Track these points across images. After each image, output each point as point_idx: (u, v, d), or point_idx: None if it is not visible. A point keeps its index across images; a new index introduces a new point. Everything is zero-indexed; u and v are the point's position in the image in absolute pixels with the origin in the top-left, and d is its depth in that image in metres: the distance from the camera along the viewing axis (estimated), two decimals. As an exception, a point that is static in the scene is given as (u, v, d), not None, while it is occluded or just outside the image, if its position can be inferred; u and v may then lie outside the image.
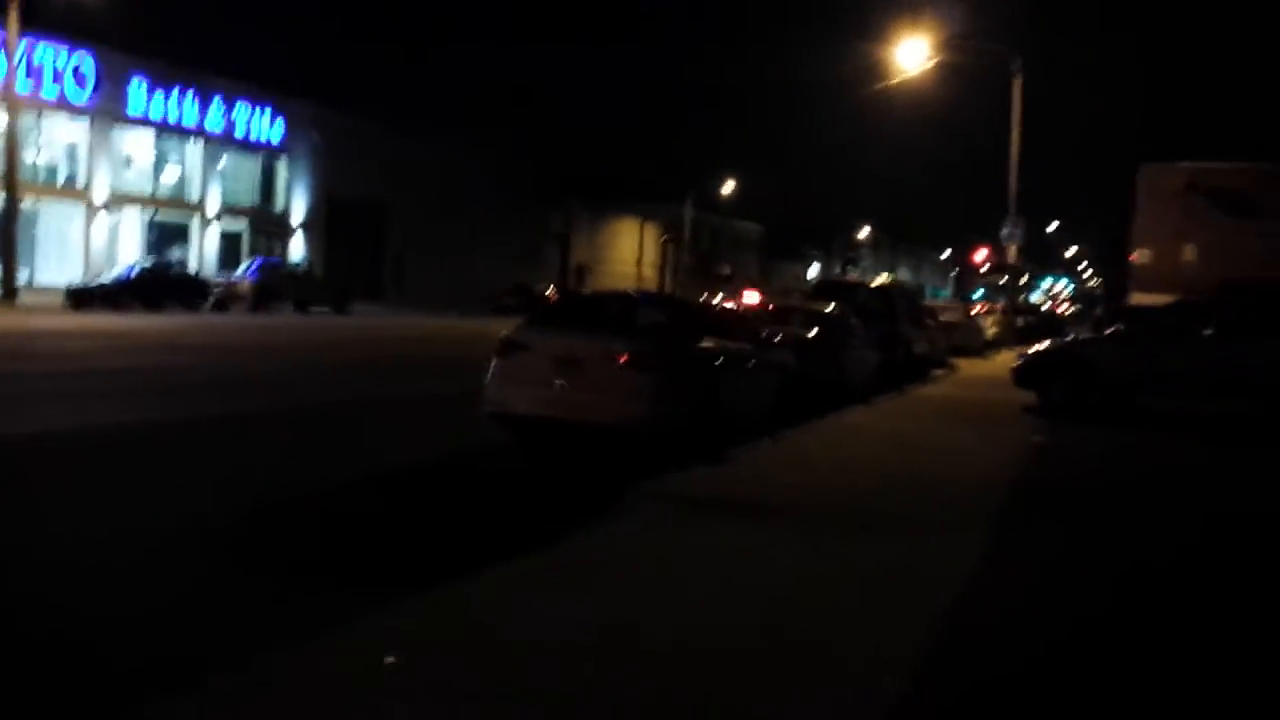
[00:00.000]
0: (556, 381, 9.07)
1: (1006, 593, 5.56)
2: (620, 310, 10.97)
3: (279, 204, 47.73)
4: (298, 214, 47.98)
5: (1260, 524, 7.74)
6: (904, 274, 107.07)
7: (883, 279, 62.75)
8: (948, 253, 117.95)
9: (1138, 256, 25.76)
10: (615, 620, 4.66)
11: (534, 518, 7.14)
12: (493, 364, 9.50)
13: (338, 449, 9.73)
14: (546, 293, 47.57)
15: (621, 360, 8.93)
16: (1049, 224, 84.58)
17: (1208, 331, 13.72)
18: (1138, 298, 24.79)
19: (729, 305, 16.00)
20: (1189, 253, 24.23)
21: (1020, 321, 36.78)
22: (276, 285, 37.02)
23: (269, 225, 47.13)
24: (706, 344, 10.18)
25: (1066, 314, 63.34)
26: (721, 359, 10.26)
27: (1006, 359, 20.49)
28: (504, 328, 10.05)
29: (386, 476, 8.46)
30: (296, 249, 47.23)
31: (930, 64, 26.58)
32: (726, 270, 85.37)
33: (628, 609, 4.84)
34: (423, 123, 53.10)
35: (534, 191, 56.17)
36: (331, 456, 9.27)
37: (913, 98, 31.04)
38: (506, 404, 9.36)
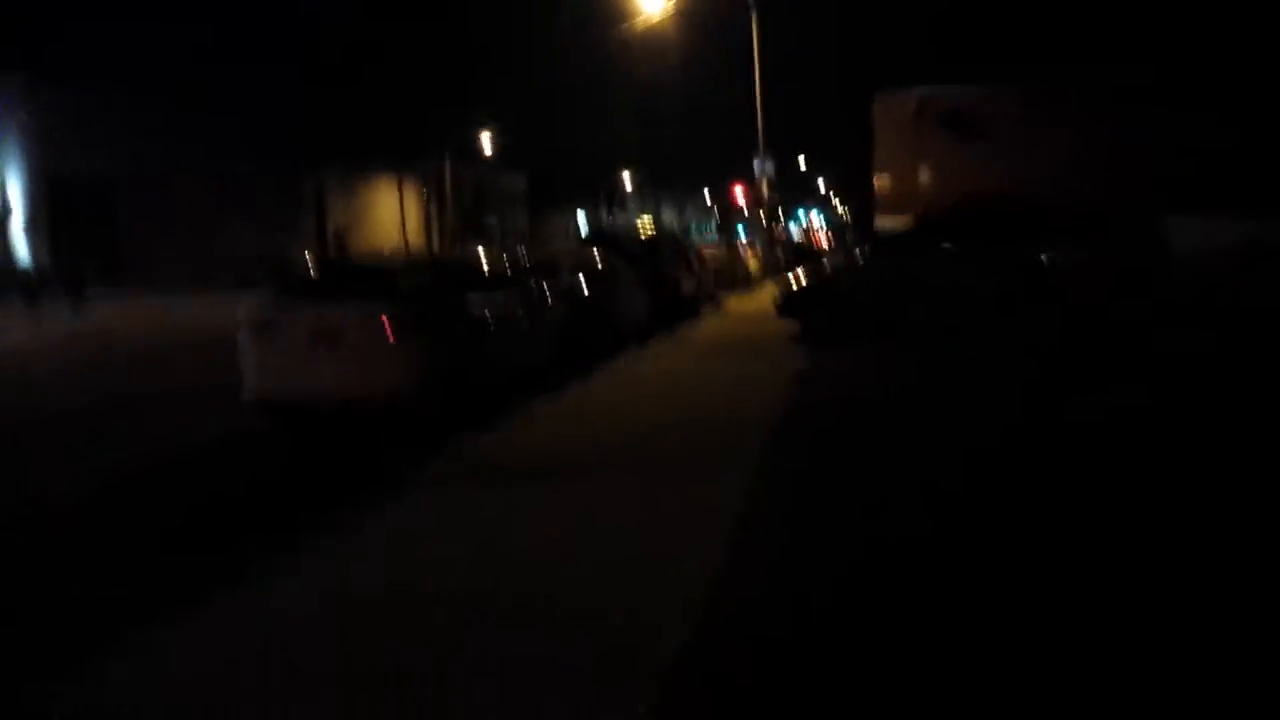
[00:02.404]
0: (315, 356, 8.52)
1: (786, 515, 5.68)
2: (377, 274, 10.43)
3: (-10, 190, 43.17)
4: (15, 199, 43.55)
5: (1010, 423, 8.27)
6: (669, 216, 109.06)
7: (644, 222, 63.54)
8: (707, 192, 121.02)
9: (879, 182, 27.02)
10: (403, 593, 4.44)
11: (305, 504, 6.72)
12: (243, 344, 8.83)
13: (89, 448, 8.85)
14: (301, 261, 45.36)
15: (384, 326, 8.49)
16: (799, 158, 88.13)
17: (946, 246, 14.55)
18: (882, 222, 26.05)
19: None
20: (925, 174, 25.55)
21: (780, 254, 38.22)
22: (-5, 280, 33.58)
23: (-19, 214, 42.61)
24: (475, 301, 9.89)
25: (825, 244, 66.48)
26: (491, 316, 10.01)
27: (771, 291, 21.18)
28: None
29: (154, 472, 7.76)
30: (17, 237, 42.94)
31: (669, 3, 26.79)
32: (493, 224, 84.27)
33: (418, 582, 4.63)
34: (152, 89, 48.86)
35: (283, 156, 53.11)
36: (81, 456, 8.42)
37: (659, 40, 31.35)
38: (265, 387, 8.75)
